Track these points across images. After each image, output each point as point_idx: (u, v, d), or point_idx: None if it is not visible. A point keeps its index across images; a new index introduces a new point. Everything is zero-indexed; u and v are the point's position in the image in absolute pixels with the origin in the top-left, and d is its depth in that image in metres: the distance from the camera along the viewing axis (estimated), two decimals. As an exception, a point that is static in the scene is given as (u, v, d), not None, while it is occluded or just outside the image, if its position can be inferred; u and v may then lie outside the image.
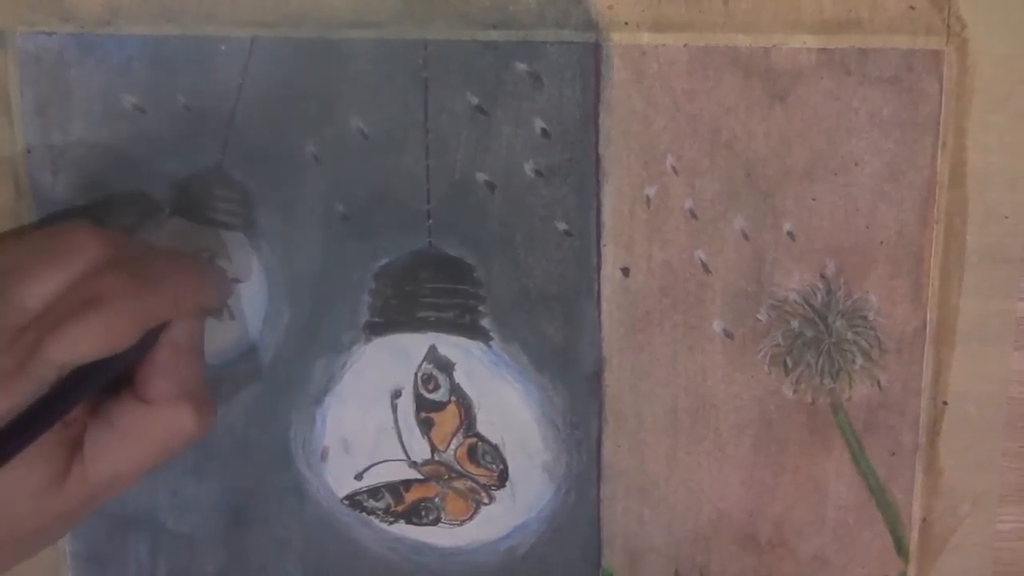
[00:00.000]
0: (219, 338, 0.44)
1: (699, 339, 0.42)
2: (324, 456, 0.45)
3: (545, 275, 0.42)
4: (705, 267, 0.42)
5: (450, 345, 0.43)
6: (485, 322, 0.43)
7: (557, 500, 0.44)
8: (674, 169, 0.41)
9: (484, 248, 0.42)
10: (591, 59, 0.40)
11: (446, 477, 0.44)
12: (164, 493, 0.45)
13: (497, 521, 0.45)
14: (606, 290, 0.42)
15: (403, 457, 0.44)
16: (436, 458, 0.44)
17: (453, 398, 0.44)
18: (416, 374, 0.44)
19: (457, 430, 0.44)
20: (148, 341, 0.37)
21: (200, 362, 0.40)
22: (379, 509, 0.45)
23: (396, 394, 0.44)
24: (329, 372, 0.44)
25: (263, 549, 0.46)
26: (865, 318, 0.42)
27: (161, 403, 0.38)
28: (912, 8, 0.39)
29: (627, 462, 0.44)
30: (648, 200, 0.42)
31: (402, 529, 0.45)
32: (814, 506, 0.44)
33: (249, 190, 0.42)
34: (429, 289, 0.43)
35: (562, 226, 0.42)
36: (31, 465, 0.35)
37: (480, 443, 0.44)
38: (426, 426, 0.44)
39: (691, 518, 0.44)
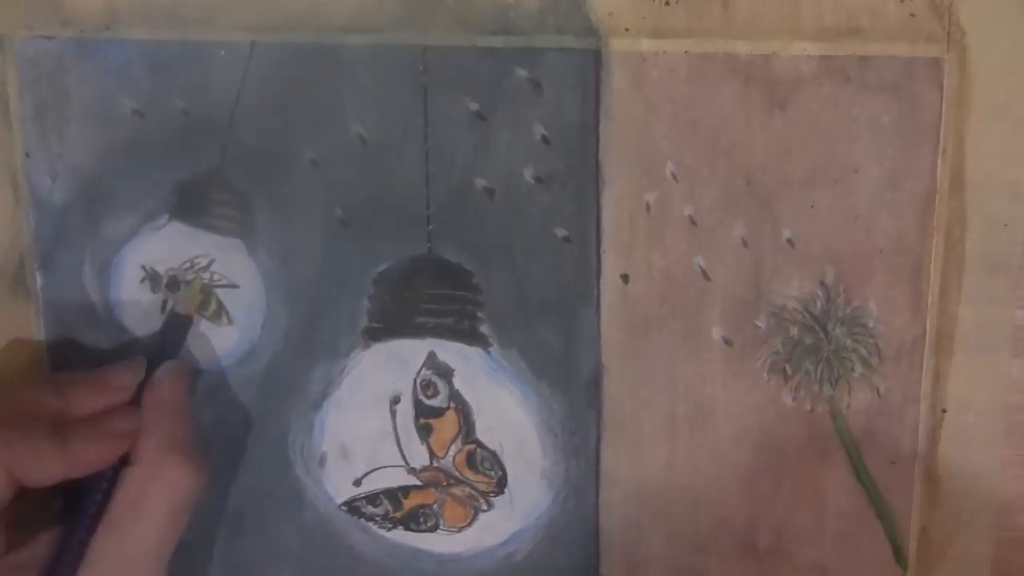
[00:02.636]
0: (218, 343, 0.44)
1: (698, 346, 0.42)
2: (322, 462, 0.45)
3: (544, 281, 0.42)
4: (704, 274, 0.42)
5: (449, 351, 0.43)
6: (484, 328, 0.43)
7: (555, 507, 0.44)
8: (674, 176, 0.41)
9: (483, 254, 0.42)
10: (591, 66, 0.40)
11: (445, 483, 0.44)
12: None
13: (495, 528, 0.45)
14: (605, 297, 0.42)
15: (402, 463, 0.44)
16: (435, 464, 0.44)
17: (452, 404, 0.43)
18: (415, 380, 0.43)
19: (456, 436, 0.44)
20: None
21: (186, 418, 0.40)
22: (377, 515, 0.45)
23: (395, 400, 0.44)
24: (328, 378, 0.44)
25: (261, 555, 0.46)
26: (864, 326, 0.42)
27: (147, 459, 0.38)
28: (912, 16, 0.39)
29: (626, 469, 0.44)
30: (648, 207, 0.42)
31: (400, 535, 0.45)
32: (813, 514, 0.44)
33: (248, 195, 0.42)
34: (428, 295, 0.43)
35: (561, 232, 0.42)
36: None
37: (479, 449, 0.44)
38: (425, 432, 0.44)
39: (689, 525, 0.44)
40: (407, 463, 0.44)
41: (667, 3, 0.40)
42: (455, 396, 0.43)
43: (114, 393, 0.39)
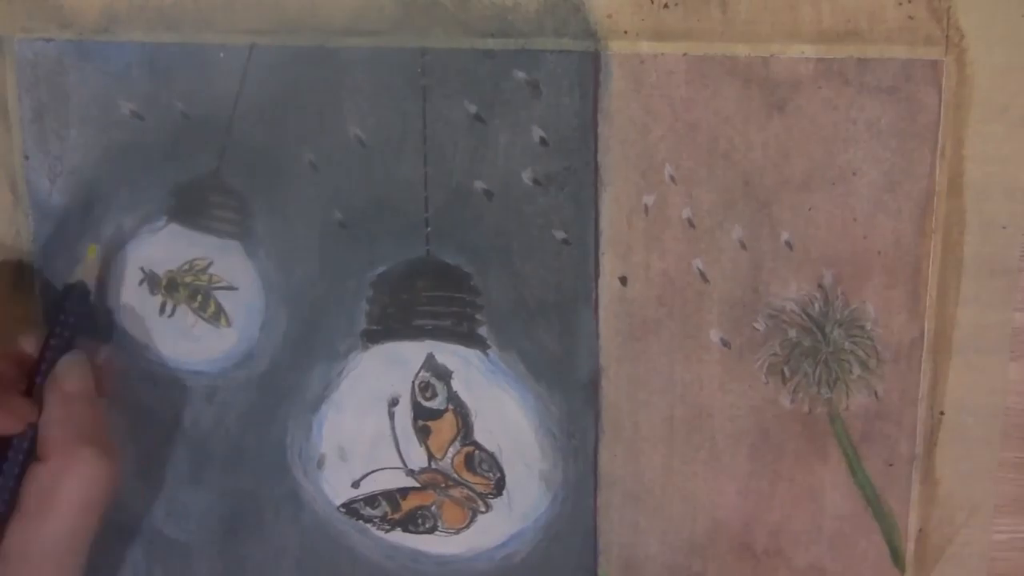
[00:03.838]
0: (216, 346, 0.44)
1: (696, 348, 0.42)
2: (321, 464, 0.45)
3: (543, 284, 0.42)
4: (703, 276, 0.42)
5: (448, 353, 0.43)
6: (482, 330, 0.43)
7: (553, 508, 0.44)
8: (672, 178, 0.41)
9: (482, 256, 0.42)
10: (590, 68, 0.40)
11: (443, 485, 0.44)
12: (160, 500, 0.45)
13: (494, 529, 0.45)
14: (604, 299, 0.42)
15: (400, 465, 0.44)
16: (433, 466, 0.44)
17: (450, 406, 0.44)
18: (413, 382, 0.43)
19: (454, 438, 0.44)
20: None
21: (94, 409, 0.39)
22: (376, 517, 0.45)
23: (393, 402, 0.44)
24: (326, 380, 0.44)
25: (259, 556, 0.46)
26: (862, 328, 0.42)
27: (57, 454, 0.37)
28: (911, 18, 0.39)
29: (623, 471, 0.44)
30: (646, 209, 0.42)
31: (399, 537, 0.45)
32: (810, 516, 0.44)
33: (246, 197, 0.42)
34: (427, 297, 0.43)
35: (560, 235, 0.42)
36: None
37: (477, 451, 0.44)
38: (423, 434, 0.44)
39: (687, 527, 0.44)
40: (405, 465, 0.44)
41: (666, 5, 0.40)
42: (453, 398, 0.43)
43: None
